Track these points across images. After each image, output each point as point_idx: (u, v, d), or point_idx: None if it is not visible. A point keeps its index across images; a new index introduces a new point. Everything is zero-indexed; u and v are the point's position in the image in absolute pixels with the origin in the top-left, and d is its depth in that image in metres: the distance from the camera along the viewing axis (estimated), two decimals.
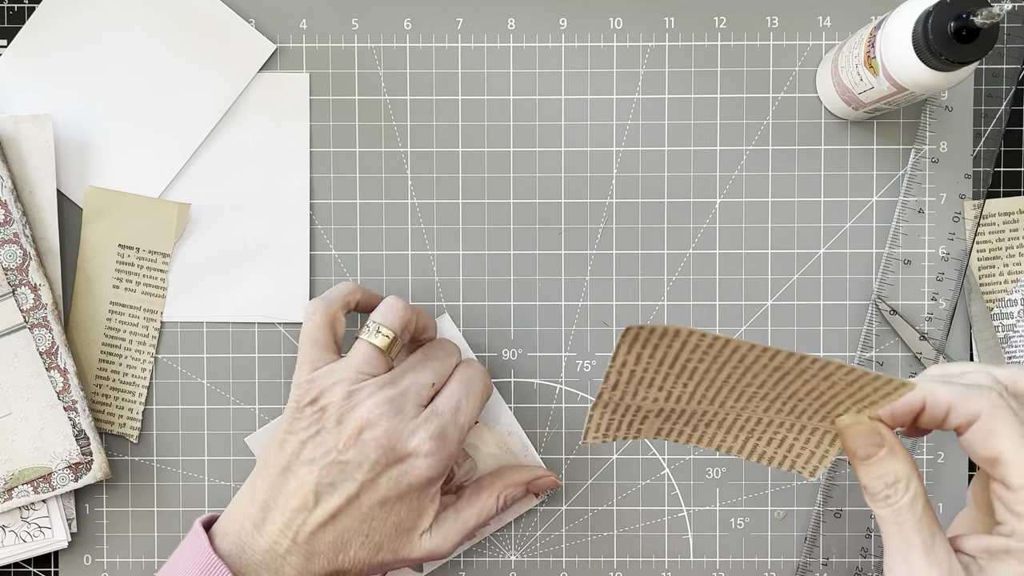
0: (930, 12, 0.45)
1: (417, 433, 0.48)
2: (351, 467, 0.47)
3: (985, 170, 0.57)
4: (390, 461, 0.47)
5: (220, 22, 0.57)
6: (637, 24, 0.57)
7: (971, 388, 0.39)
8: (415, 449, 0.47)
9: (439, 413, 0.49)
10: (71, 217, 0.57)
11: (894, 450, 0.39)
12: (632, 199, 0.57)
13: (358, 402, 0.48)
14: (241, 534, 0.48)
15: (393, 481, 0.47)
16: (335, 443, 0.47)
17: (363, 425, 0.47)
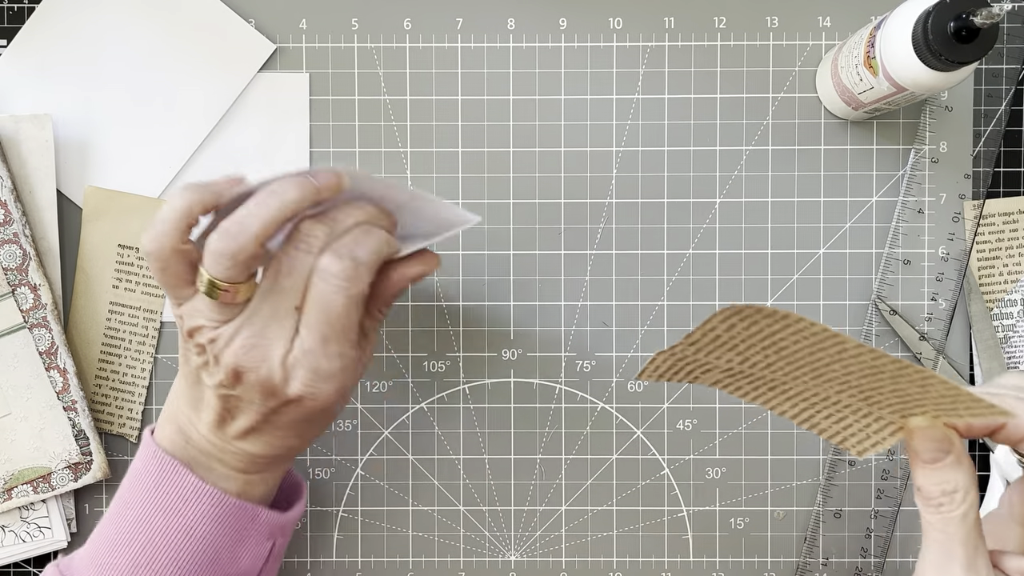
0: (930, 12, 0.45)
1: (291, 381, 0.44)
2: (245, 402, 0.45)
3: (985, 170, 0.57)
4: (280, 403, 0.44)
5: (220, 22, 0.57)
6: (637, 24, 0.57)
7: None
8: (297, 395, 0.44)
9: (307, 352, 0.43)
10: (71, 217, 0.57)
11: (960, 460, 0.38)
12: (632, 199, 0.57)
13: (221, 349, 0.44)
14: (183, 422, 0.47)
15: (294, 414, 0.45)
16: (221, 378, 0.44)
17: (236, 371, 0.43)
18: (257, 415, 0.45)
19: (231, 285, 0.42)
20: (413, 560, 0.58)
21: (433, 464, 0.58)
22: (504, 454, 0.58)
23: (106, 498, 0.57)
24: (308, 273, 0.43)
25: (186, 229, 0.43)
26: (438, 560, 0.58)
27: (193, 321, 0.44)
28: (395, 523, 0.58)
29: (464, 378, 0.58)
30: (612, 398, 0.57)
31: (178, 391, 0.48)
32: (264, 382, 0.43)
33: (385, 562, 0.58)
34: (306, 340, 0.43)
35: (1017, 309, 0.57)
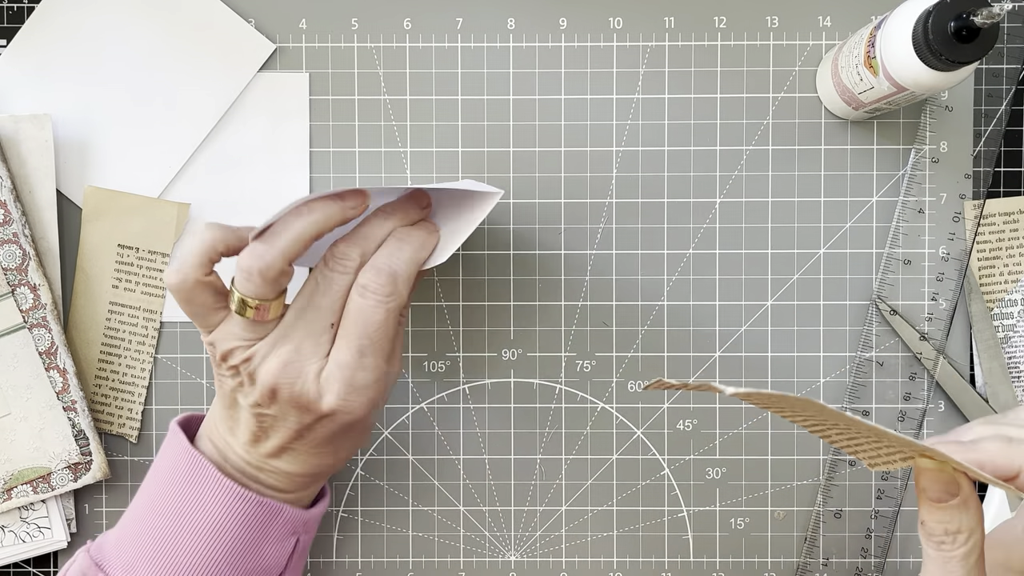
0: (930, 12, 0.45)
1: (325, 396, 0.45)
2: (279, 420, 0.46)
3: (985, 170, 0.57)
4: (314, 419, 0.45)
5: (220, 22, 0.57)
6: (637, 24, 0.57)
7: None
8: (331, 409, 0.45)
9: (342, 366, 0.44)
10: (71, 217, 0.57)
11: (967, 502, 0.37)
12: (632, 199, 0.57)
13: (256, 367, 0.45)
14: (219, 444, 0.48)
15: (327, 429, 0.46)
16: (256, 398, 0.45)
17: (272, 388, 0.45)
18: (290, 432, 0.46)
19: (261, 302, 0.44)
20: (413, 560, 0.58)
21: (433, 464, 0.58)
22: (504, 454, 0.58)
23: (106, 498, 0.57)
24: (344, 292, 0.45)
25: (208, 264, 0.45)
26: (438, 560, 0.58)
27: (226, 344, 0.45)
28: (395, 523, 0.58)
29: (464, 378, 0.58)
30: (612, 398, 0.57)
31: (215, 415, 0.49)
32: (298, 397, 0.44)
33: (385, 562, 0.58)
34: (342, 353, 0.44)
35: (1017, 309, 0.57)
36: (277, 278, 0.44)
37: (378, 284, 0.44)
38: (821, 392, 0.57)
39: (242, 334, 0.45)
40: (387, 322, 0.45)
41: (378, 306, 0.44)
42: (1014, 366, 0.57)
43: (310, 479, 0.49)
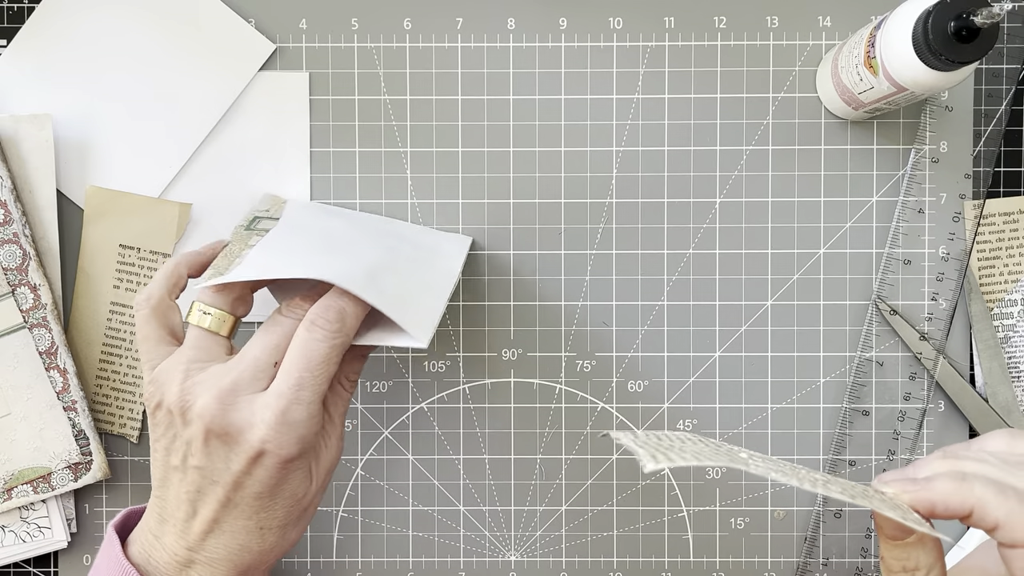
0: (930, 12, 0.45)
1: (255, 427, 0.43)
2: (209, 472, 0.44)
3: (985, 170, 0.57)
4: (244, 463, 0.44)
5: (220, 22, 0.57)
6: (637, 24, 0.57)
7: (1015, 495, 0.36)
8: (260, 445, 0.43)
9: (278, 395, 0.43)
10: (71, 217, 0.57)
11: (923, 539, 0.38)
12: (632, 199, 0.57)
13: (192, 401, 0.44)
14: (146, 546, 0.46)
15: (256, 479, 0.44)
16: (188, 448, 0.44)
17: (205, 428, 0.43)
18: (223, 491, 0.44)
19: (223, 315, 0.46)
20: (413, 560, 0.58)
21: (433, 464, 0.58)
22: (504, 454, 0.58)
23: (106, 498, 0.57)
24: (291, 334, 0.45)
25: (174, 288, 0.48)
26: (438, 560, 0.58)
27: (163, 378, 0.45)
28: (395, 523, 0.58)
29: (464, 378, 0.58)
30: (612, 398, 0.57)
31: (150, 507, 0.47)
32: (228, 427, 0.43)
33: (385, 562, 0.58)
34: (279, 383, 0.44)
35: (1017, 309, 0.57)
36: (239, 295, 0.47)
37: (325, 319, 0.44)
38: (821, 392, 0.57)
39: (190, 356, 0.45)
40: (330, 358, 0.44)
41: (323, 340, 0.44)
42: (1014, 366, 0.57)
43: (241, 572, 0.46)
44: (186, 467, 0.45)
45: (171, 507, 0.46)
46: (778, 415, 0.57)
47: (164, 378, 0.45)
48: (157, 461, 0.46)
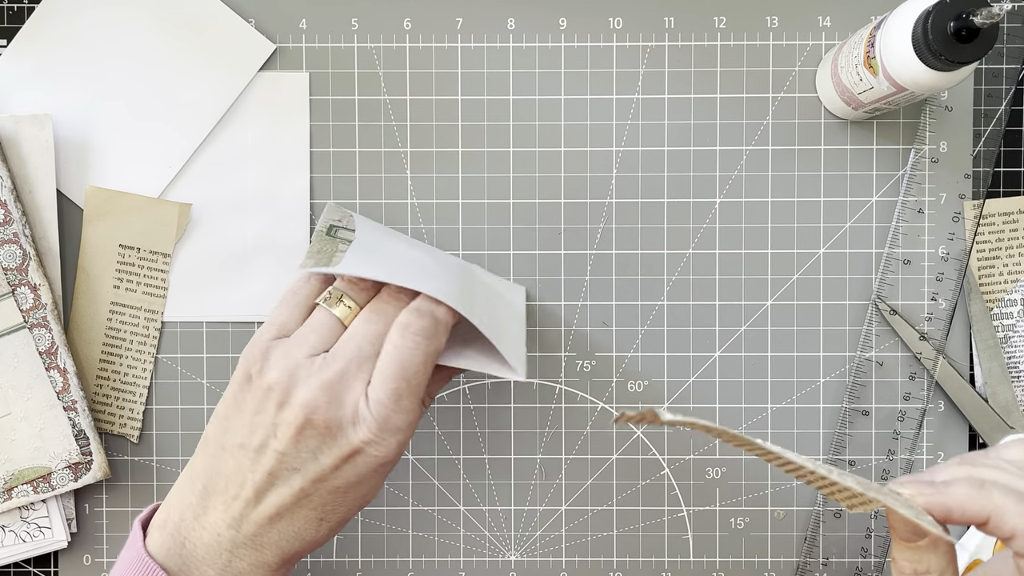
0: (930, 12, 0.45)
1: (358, 427, 0.43)
2: (291, 460, 0.43)
3: (985, 170, 0.57)
4: (336, 459, 0.43)
5: (220, 22, 0.57)
6: (637, 24, 0.57)
7: None
8: (361, 445, 0.43)
9: (379, 403, 0.43)
10: (71, 217, 0.57)
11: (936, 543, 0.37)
12: (632, 199, 0.57)
13: (296, 385, 0.43)
14: (182, 526, 0.44)
15: (343, 475, 0.44)
16: (273, 431, 0.43)
17: (305, 418, 0.43)
18: (302, 482, 0.43)
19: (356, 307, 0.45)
20: (413, 560, 0.58)
21: (433, 464, 0.58)
22: (504, 454, 0.58)
23: (106, 498, 0.57)
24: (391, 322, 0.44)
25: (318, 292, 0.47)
26: (438, 560, 0.58)
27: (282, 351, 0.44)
28: (395, 523, 0.58)
29: (464, 378, 0.58)
30: (612, 398, 0.57)
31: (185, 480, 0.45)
32: (333, 422, 0.43)
33: (385, 562, 0.58)
34: (379, 391, 0.43)
35: (1017, 309, 0.57)
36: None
37: (420, 324, 0.44)
38: (821, 392, 0.57)
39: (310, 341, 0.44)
40: (425, 366, 0.44)
41: (417, 347, 0.43)
42: (1014, 366, 0.57)
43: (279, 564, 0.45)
44: (264, 449, 0.43)
45: (225, 484, 0.44)
46: (778, 415, 0.57)
47: (282, 350, 0.44)
48: (226, 428, 0.44)
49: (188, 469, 0.46)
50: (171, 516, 0.45)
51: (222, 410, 0.45)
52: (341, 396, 0.43)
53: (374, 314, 0.45)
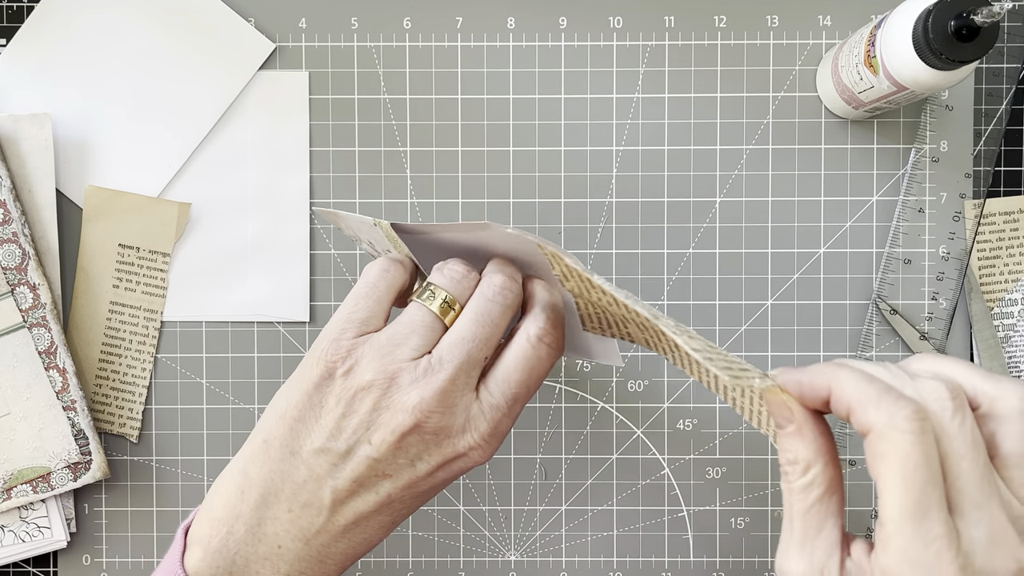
0: (930, 11, 0.44)
1: (467, 433, 0.40)
2: (385, 467, 0.40)
3: (985, 169, 0.57)
4: (435, 464, 0.40)
5: (220, 21, 0.57)
6: (637, 23, 0.57)
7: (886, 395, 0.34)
8: (466, 450, 0.40)
9: (494, 407, 0.40)
10: (70, 217, 0.57)
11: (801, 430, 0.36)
12: (632, 198, 0.57)
13: (399, 388, 0.39)
14: (230, 541, 0.40)
15: (436, 480, 0.41)
16: (367, 435, 0.40)
17: (413, 423, 0.39)
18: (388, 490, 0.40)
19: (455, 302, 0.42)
20: (413, 560, 0.58)
21: None
22: (504, 454, 0.58)
23: (105, 498, 0.57)
24: (503, 325, 0.41)
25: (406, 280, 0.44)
26: (438, 560, 0.58)
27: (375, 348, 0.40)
28: None
29: None
30: (612, 398, 0.57)
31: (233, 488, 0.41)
32: (444, 429, 0.40)
33: (385, 562, 0.58)
34: (498, 397, 0.41)
35: (1018, 308, 0.57)
36: None
37: (553, 337, 0.41)
38: None
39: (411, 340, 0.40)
40: (545, 375, 0.42)
41: (548, 359, 0.41)
42: (1014, 366, 0.57)
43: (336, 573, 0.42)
44: (352, 454, 0.40)
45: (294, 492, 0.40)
46: None
47: (377, 350, 0.40)
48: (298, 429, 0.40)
49: (236, 477, 0.41)
50: (217, 530, 0.40)
51: (292, 411, 0.40)
52: (455, 403, 0.40)
53: (482, 315, 0.41)
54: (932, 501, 0.32)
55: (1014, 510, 0.33)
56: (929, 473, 0.32)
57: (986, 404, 0.35)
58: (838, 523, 0.36)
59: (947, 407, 0.34)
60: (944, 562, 0.32)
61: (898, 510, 0.32)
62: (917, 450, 0.32)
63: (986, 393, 0.35)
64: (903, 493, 0.32)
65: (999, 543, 0.33)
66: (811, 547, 0.35)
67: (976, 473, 0.33)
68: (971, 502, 0.33)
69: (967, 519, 0.33)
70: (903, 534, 0.32)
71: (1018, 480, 0.34)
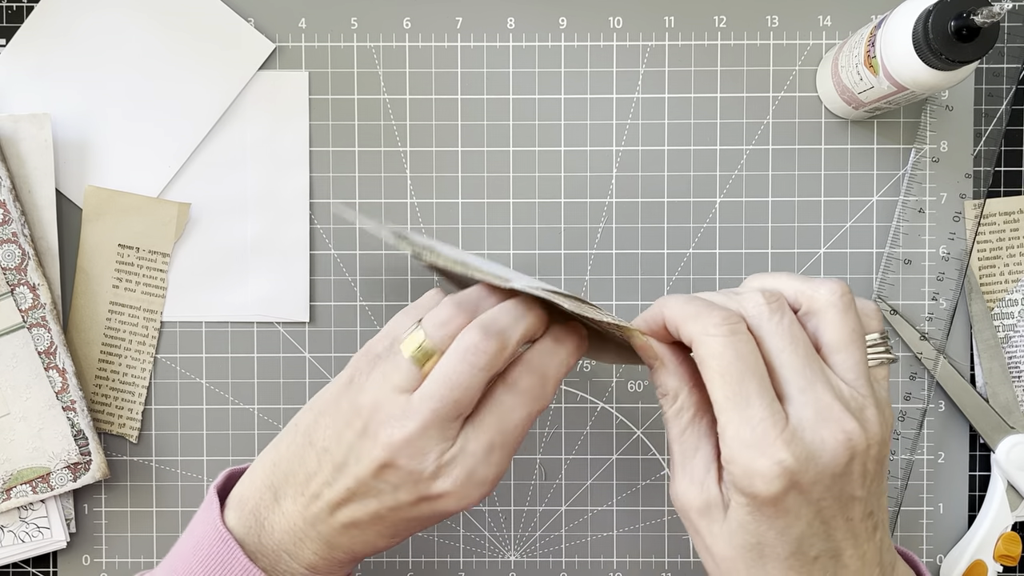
0: (930, 11, 0.44)
1: (440, 478, 0.41)
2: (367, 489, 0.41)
3: (986, 169, 0.57)
4: (413, 498, 0.41)
5: (219, 21, 0.56)
6: (637, 23, 0.57)
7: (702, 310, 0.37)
8: (440, 494, 0.41)
9: (468, 454, 0.41)
10: (70, 217, 0.57)
11: (665, 364, 0.40)
12: (632, 198, 0.57)
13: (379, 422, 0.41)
14: (260, 508, 0.43)
15: (419, 512, 0.42)
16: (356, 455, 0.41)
17: (385, 459, 0.40)
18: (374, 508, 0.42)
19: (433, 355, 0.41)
20: (413, 560, 0.58)
21: None
22: None
23: (105, 498, 0.57)
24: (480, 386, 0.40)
25: None
26: (438, 560, 0.58)
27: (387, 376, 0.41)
28: None
29: None
30: (612, 398, 0.57)
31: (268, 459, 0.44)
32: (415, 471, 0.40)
33: (385, 562, 0.58)
34: (471, 443, 0.41)
35: (1018, 309, 0.57)
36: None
37: (528, 384, 0.41)
38: None
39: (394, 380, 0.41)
40: (525, 424, 0.42)
41: (523, 407, 0.41)
42: (1014, 366, 0.57)
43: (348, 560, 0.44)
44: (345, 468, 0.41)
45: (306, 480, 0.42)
46: None
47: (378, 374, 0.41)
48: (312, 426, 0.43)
49: (272, 449, 0.44)
50: (250, 495, 0.43)
51: (320, 404, 0.43)
52: (426, 450, 0.40)
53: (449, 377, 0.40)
54: (751, 390, 0.36)
55: (842, 391, 0.37)
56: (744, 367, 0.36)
57: (805, 303, 0.39)
58: (711, 442, 0.39)
59: (763, 311, 0.38)
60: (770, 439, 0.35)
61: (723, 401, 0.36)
62: (729, 350, 0.36)
63: (803, 293, 0.39)
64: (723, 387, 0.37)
65: (826, 419, 0.36)
66: (691, 466, 0.39)
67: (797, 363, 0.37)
68: (796, 387, 0.37)
69: (794, 403, 0.36)
70: (731, 422, 0.36)
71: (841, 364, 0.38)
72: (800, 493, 0.36)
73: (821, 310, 0.38)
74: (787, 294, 0.39)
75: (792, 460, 0.35)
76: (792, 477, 0.35)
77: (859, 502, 0.37)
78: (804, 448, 0.36)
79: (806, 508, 0.36)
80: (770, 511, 0.36)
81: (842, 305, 0.38)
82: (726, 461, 0.37)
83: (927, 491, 0.57)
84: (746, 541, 0.37)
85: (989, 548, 0.56)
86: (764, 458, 0.35)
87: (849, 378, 0.38)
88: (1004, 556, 0.55)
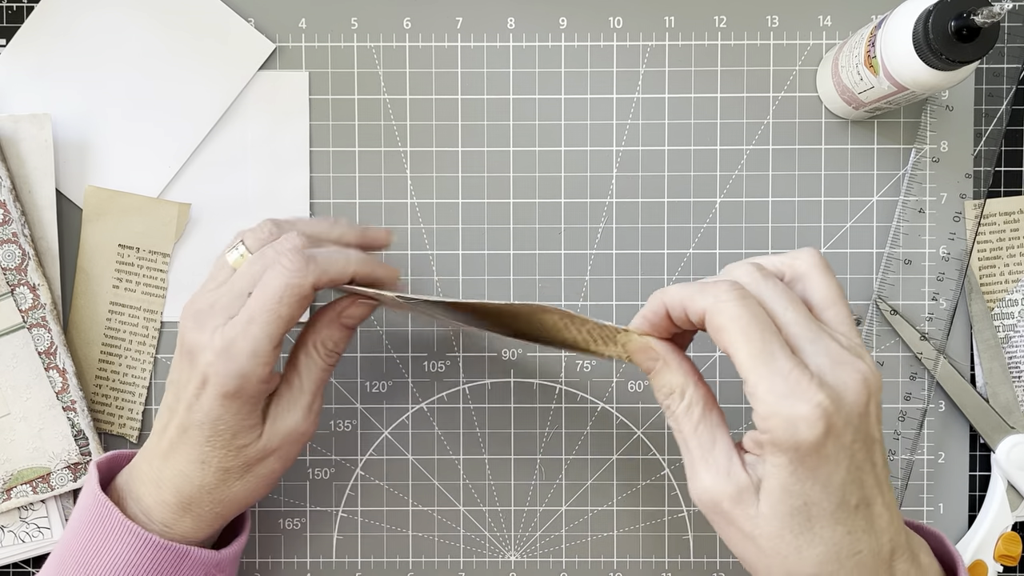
0: (931, 11, 0.44)
1: (205, 351, 0.44)
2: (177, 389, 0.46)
3: (986, 169, 0.57)
4: (195, 386, 0.45)
5: (219, 21, 0.56)
6: (637, 23, 0.57)
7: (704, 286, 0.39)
8: (204, 368, 0.44)
9: (232, 323, 0.44)
10: (70, 217, 0.57)
11: (668, 362, 0.41)
12: (632, 199, 0.57)
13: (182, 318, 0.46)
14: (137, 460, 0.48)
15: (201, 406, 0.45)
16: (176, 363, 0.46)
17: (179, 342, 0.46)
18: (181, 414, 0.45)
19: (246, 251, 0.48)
20: (413, 560, 0.58)
21: (433, 464, 0.58)
22: (504, 454, 0.58)
23: None
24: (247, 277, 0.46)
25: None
26: (438, 560, 0.58)
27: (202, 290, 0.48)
28: (395, 524, 0.58)
29: (464, 378, 0.58)
30: (612, 398, 0.57)
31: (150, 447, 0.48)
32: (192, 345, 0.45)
33: (385, 563, 0.58)
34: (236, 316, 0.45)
35: (1018, 309, 0.57)
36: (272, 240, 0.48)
37: (289, 260, 0.45)
38: None
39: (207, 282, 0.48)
40: (283, 297, 0.44)
41: (279, 277, 0.44)
42: (1014, 366, 0.57)
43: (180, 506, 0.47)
44: (169, 380, 0.47)
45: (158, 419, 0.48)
46: None
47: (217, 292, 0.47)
48: None
49: None
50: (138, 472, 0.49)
51: None
52: (204, 323, 0.45)
53: (258, 256, 0.46)
54: (774, 344, 0.37)
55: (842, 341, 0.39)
56: (763, 323, 0.38)
57: (788, 272, 0.41)
58: (726, 432, 0.40)
59: (757, 278, 0.39)
60: (803, 386, 0.36)
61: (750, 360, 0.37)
62: (744, 310, 0.38)
63: (783, 263, 0.41)
64: (748, 345, 0.37)
65: (841, 363, 0.38)
66: (712, 458, 0.40)
67: (801, 317, 0.38)
68: (806, 339, 0.38)
69: (807, 353, 0.38)
70: (763, 378, 0.37)
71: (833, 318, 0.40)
72: (836, 438, 0.37)
73: (805, 274, 0.40)
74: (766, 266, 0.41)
75: (828, 401, 0.36)
76: (830, 419, 0.36)
77: (879, 445, 0.38)
78: (833, 390, 0.37)
79: (843, 453, 0.37)
80: (812, 461, 0.37)
81: (823, 266, 0.41)
82: (763, 419, 0.37)
83: (927, 491, 0.57)
84: (791, 506, 0.37)
85: (989, 548, 0.56)
86: (803, 403, 0.36)
87: (843, 330, 0.39)
88: (1004, 556, 0.55)
